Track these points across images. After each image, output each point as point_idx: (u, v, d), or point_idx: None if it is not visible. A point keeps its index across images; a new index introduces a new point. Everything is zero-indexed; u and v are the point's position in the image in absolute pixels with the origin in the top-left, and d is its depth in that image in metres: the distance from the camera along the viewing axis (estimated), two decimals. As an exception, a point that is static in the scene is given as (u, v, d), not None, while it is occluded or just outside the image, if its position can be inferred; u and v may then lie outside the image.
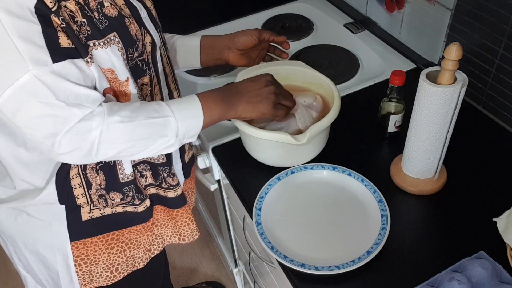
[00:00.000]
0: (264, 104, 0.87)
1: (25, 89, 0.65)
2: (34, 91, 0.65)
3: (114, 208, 0.88)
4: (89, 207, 0.85)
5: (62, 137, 0.68)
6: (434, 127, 0.85)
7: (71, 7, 0.68)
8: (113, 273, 0.94)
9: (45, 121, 0.67)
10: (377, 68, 1.28)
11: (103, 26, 0.72)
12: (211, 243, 1.99)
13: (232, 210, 1.29)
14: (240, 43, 1.04)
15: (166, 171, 0.91)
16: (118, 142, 0.73)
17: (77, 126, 0.69)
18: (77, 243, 0.87)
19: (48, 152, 0.71)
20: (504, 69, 1.01)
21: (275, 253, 0.84)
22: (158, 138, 0.76)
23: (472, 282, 0.77)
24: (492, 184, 0.95)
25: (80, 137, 0.69)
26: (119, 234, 0.91)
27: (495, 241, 0.82)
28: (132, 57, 0.77)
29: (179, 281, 1.86)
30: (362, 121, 1.13)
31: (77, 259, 0.88)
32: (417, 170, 0.93)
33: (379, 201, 0.91)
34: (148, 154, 0.79)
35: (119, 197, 0.86)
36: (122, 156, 0.77)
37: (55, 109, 0.67)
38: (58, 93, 0.67)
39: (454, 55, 0.76)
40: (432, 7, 1.14)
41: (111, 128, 0.71)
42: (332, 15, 1.52)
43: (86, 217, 0.86)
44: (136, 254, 0.96)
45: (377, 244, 0.84)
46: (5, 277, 1.94)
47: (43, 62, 0.65)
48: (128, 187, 0.87)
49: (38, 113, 0.67)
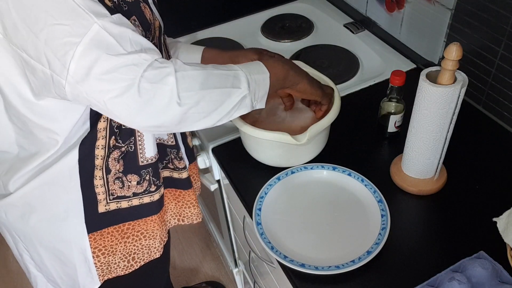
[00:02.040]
0: (320, 90, 0.91)
1: (94, 43, 0.63)
2: (103, 44, 0.64)
3: (130, 201, 0.88)
4: (106, 199, 0.85)
5: (139, 85, 0.66)
6: (434, 127, 0.85)
7: None
8: (130, 262, 0.95)
9: (119, 73, 0.65)
10: (377, 68, 1.28)
11: (125, 8, 0.72)
12: (211, 243, 1.99)
13: (232, 210, 1.29)
14: (241, 62, 1.04)
15: (173, 153, 0.92)
16: (195, 90, 0.71)
17: (151, 72, 0.67)
18: (94, 234, 0.88)
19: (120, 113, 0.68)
20: (504, 69, 1.01)
21: (275, 253, 0.84)
22: (231, 88, 0.75)
23: (472, 282, 0.77)
24: (492, 184, 0.95)
25: (157, 84, 0.67)
26: (135, 225, 0.92)
27: (495, 241, 0.83)
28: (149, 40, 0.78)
29: (179, 281, 1.86)
30: (362, 121, 1.13)
31: (95, 250, 0.89)
32: (417, 170, 0.94)
33: (379, 201, 0.91)
34: (224, 112, 0.76)
35: (136, 179, 0.86)
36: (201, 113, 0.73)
37: (125, 58, 0.65)
38: (125, 43, 0.65)
39: (454, 55, 0.76)
40: (432, 7, 1.14)
41: (185, 74, 0.70)
42: (332, 15, 1.52)
43: (102, 210, 0.86)
44: (152, 244, 0.97)
45: (377, 244, 0.84)
46: (5, 277, 1.94)
47: (103, 14, 0.64)
48: (146, 170, 0.87)
49: (111, 66, 0.64)
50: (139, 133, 0.84)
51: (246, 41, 1.44)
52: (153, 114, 0.69)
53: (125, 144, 0.83)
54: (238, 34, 1.47)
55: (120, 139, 0.82)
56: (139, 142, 0.85)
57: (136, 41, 0.67)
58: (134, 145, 0.84)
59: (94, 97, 0.67)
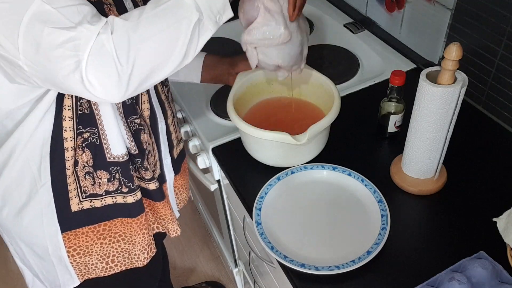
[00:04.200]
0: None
1: (37, 18, 0.61)
2: (46, 18, 0.61)
3: (104, 200, 0.87)
4: (78, 196, 0.84)
5: (86, 62, 0.62)
6: (434, 127, 0.85)
7: None
8: (108, 263, 0.94)
9: (66, 48, 0.61)
10: (377, 68, 1.28)
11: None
12: (211, 243, 1.99)
13: (232, 210, 1.29)
14: (240, 68, 1.06)
15: (138, 162, 0.89)
16: (137, 47, 0.64)
17: (93, 46, 0.62)
18: (68, 234, 0.87)
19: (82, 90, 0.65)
20: (504, 69, 1.01)
21: (275, 253, 0.84)
22: (176, 23, 0.66)
23: (472, 282, 0.77)
24: (492, 184, 0.95)
25: (100, 57, 0.62)
26: (111, 225, 0.91)
27: (495, 241, 0.83)
28: None
29: (179, 281, 1.86)
30: (362, 121, 1.13)
31: (70, 249, 0.89)
32: (417, 170, 0.94)
33: (379, 201, 0.91)
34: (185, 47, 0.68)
35: (106, 176, 0.85)
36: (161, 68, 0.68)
37: (71, 32, 0.61)
38: (70, 14, 0.62)
39: (454, 55, 0.76)
40: (432, 7, 1.14)
41: (120, 32, 0.63)
42: (332, 15, 1.52)
43: (75, 208, 0.85)
44: (132, 249, 0.96)
45: (377, 244, 0.84)
46: (5, 277, 1.94)
47: None
48: (115, 168, 0.85)
49: (57, 42, 0.61)
50: (101, 126, 0.81)
51: (246, 41, 1.44)
52: (113, 85, 0.65)
53: (86, 130, 0.80)
54: (238, 34, 1.46)
55: (80, 124, 0.79)
56: (103, 136, 0.82)
57: (82, 10, 0.63)
58: (99, 138, 0.82)
59: (50, 76, 0.64)
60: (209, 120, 1.18)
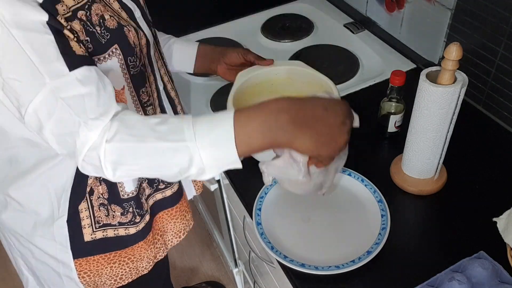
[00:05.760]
0: (333, 146, 0.68)
1: (44, 104, 0.62)
2: (52, 109, 0.63)
3: (116, 230, 0.89)
4: (92, 226, 0.86)
5: (81, 158, 0.65)
6: (434, 127, 0.85)
7: (76, 27, 0.67)
8: (116, 280, 0.95)
9: (67, 139, 0.65)
10: (377, 68, 1.28)
11: (105, 40, 0.71)
12: (211, 243, 1.99)
13: (232, 210, 1.29)
14: (228, 58, 1.06)
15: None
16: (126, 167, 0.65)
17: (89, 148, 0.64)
18: (79, 260, 0.89)
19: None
20: (504, 69, 1.01)
21: (275, 253, 0.84)
22: (176, 165, 0.65)
23: (472, 282, 0.77)
24: (492, 184, 0.95)
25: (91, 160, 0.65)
26: (122, 253, 0.93)
27: (495, 241, 0.83)
28: (134, 64, 0.78)
29: (179, 281, 1.86)
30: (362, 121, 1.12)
31: (81, 272, 0.90)
32: (417, 170, 0.93)
33: (379, 201, 0.91)
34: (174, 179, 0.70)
35: (119, 210, 0.88)
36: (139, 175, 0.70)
37: (75, 127, 0.63)
38: (75, 107, 0.63)
39: (454, 55, 0.76)
40: (432, 7, 1.14)
41: (115, 146, 0.64)
42: (332, 15, 1.52)
43: (88, 238, 0.87)
44: (139, 265, 0.97)
45: (377, 244, 0.84)
46: (6, 278, 1.94)
47: (60, 72, 0.63)
48: (128, 203, 0.88)
49: (60, 132, 0.64)
50: None
51: (246, 41, 1.44)
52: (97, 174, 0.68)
53: None
54: (238, 34, 1.47)
55: None
56: None
57: (89, 101, 0.64)
58: None
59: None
60: (209, 120, 1.18)
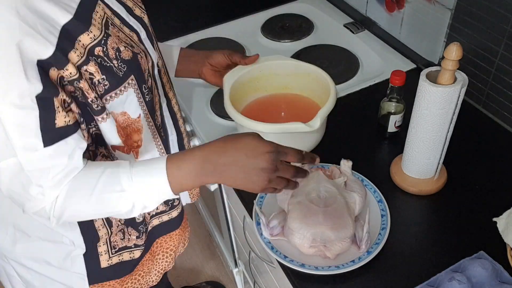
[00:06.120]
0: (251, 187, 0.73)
1: (7, 170, 0.66)
2: (15, 175, 0.66)
3: (132, 253, 0.91)
4: (108, 253, 0.87)
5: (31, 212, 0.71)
6: (434, 127, 0.85)
7: (91, 69, 0.67)
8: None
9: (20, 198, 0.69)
10: (377, 68, 1.28)
11: (122, 72, 0.71)
12: (211, 243, 1.99)
13: (232, 210, 1.29)
14: (213, 59, 1.04)
15: None
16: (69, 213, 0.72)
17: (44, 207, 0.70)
18: (95, 286, 0.90)
19: None
20: (504, 69, 1.01)
21: (275, 253, 0.84)
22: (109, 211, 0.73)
23: (472, 282, 0.77)
24: (492, 184, 0.95)
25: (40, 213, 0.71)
26: (133, 273, 0.95)
27: (495, 241, 0.83)
28: (148, 91, 0.79)
29: (179, 281, 1.86)
30: (362, 121, 1.13)
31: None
32: (417, 170, 0.93)
33: (379, 201, 0.91)
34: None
35: (135, 234, 0.90)
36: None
37: (31, 191, 0.68)
38: (39, 179, 0.67)
39: (454, 55, 0.76)
40: (432, 7, 1.14)
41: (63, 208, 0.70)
42: (332, 15, 1.52)
43: (105, 265, 0.88)
44: (149, 279, 1.00)
45: (377, 244, 0.84)
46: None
47: (33, 147, 0.64)
48: (143, 225, 0.91)
49: (15, 192, 0.68)
50: None
51: (246, 41, 1.44)
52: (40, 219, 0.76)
53: None
54: (238, 34, 1.47)
55: None
56: None
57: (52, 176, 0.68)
58: None
59: None
60: (209, 120, 1.18)
